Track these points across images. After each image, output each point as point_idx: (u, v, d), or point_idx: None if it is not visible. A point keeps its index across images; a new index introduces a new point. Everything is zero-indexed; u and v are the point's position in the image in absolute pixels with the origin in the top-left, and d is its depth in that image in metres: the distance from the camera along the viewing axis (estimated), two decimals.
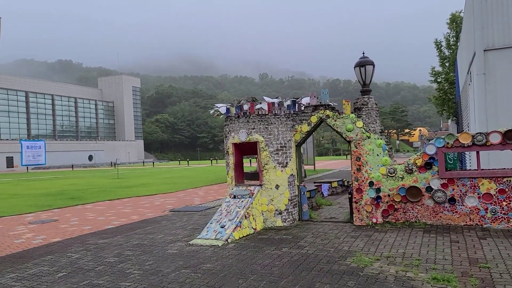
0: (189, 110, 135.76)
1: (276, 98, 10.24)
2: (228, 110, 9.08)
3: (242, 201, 8.31)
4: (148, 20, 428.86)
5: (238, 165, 9.05)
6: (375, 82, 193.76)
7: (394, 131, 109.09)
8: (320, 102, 9.09)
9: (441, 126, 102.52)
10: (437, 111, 40.78)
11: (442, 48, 30.96)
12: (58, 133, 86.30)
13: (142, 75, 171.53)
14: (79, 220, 10.88)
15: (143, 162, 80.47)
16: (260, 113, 8.65)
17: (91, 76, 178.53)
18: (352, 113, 8.83)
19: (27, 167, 66.24)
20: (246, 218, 8.00)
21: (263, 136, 8.63)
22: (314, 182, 13.67)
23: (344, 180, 14.75)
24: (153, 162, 75.55)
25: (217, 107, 24.42)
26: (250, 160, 49.82)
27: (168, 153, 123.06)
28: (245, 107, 8.74)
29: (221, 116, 25.20)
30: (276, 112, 8.75)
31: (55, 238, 8.49)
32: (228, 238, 7.40)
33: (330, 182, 13.71)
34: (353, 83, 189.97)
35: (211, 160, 63.05)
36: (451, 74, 30.30)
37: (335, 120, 8.81)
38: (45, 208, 13.50)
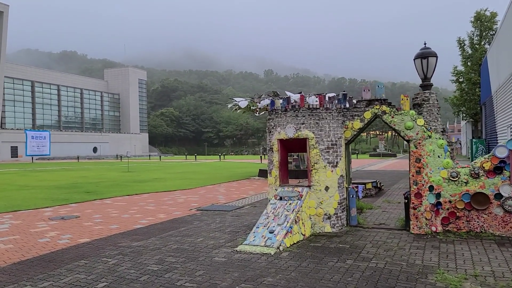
0: (194, 105, 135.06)
1: (299, 93, 9.44)
2: (273, 102, 8.27)
3: (290, 204, 7.52)
4: (152, 14, 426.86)
5: (283, 164, 8.25)
6: (381, 82, 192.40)
7: None
8: (375, 97, 8.28)
9: (447, 127, 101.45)
10: (453, 112, 39.90)
11: (465, 47, 30.04)
12: (63, 124, 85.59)
13: (146, 68, 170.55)
14: (103, 217, 10.11)
15: (149, 155, 79.80)
16: (310, 106, 7.85)
17: (96, 68, 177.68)
18: (411, 109, 8.02)
19: (32, 158, 65.65)
20: (296, 223, 7.21)
21: (313, 132, 7.82)
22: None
23: (377, 181, 13.95)
24: (160, 156, 74.82)
25: (235, 101, 23.44)
26: (261, 157, 48.96)
27: (172, 147, 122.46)
28: (294, 97, 7.94)
29: (238, 110, 24.30)
30: (327, 106, 7.94)
31: (82, 238, 7.72)
32: (280, 245, 6.62)
33: (364, 183, 12.91)
34: (358, 82, 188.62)
35: (220, 156, 62.22)
36: (473, 74, 29.42)
37: (393, 117, 8.00)
38: (62, 203, 12.74)
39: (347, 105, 8.35)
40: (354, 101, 8.37)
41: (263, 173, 22.49)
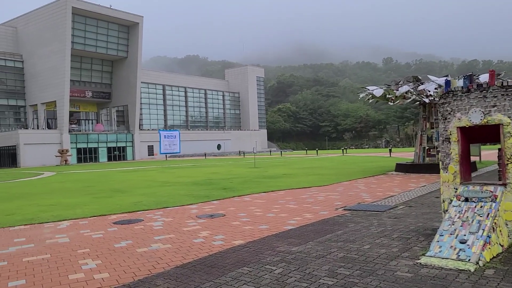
0: (311, 99, 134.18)
1: (446, 76, 7.73)
2: (448, 83, 6.84)
3: (481, 207, 6.06)
4: (261, 14, 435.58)
5: (464, 157, 6.78)
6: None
7: None
8: None
9: None
10: None
11: None
12: (190, 123, 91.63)
13: (262, 66, 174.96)
14: (248, 216, 9.67)
15: (270, 151, 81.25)
16: (504, 84, 6.26)
17: (215, 69, 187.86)
18: None
19: (166, 155, 71.35)
20: (493, 231, 5.76)
21: (509, 117, 6.23)
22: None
23: None
24: (280, 152, 75.69)
25: (369, 90, 21.79)
26: (390, 150, 46.10)
27: (290, 142, 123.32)
28: (482, 78, 6.43)
29: (371, 100, 22.50)
30: None
31: (236, 240, 7.24)
32: (479, 259, 5.27)
33: None
34: (494, 64, 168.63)
35: (343, 150, 60.51)
36: None
37: None
38: (204, 200, 12.77)
39: None
40: None
41: (401, 168, 20.59)
